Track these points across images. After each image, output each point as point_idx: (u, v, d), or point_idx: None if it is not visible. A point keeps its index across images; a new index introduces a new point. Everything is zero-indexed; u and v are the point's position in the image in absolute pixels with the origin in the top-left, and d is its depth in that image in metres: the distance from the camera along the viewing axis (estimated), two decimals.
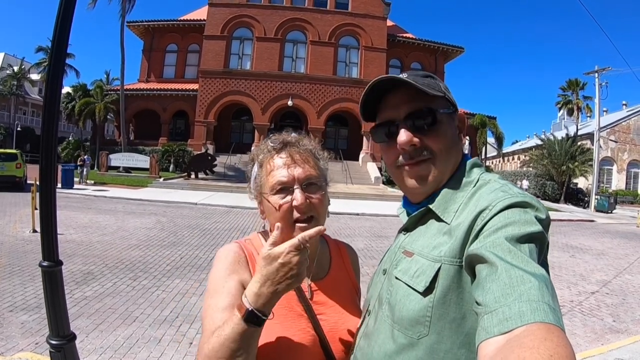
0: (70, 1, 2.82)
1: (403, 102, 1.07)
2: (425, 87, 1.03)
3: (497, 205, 0.90)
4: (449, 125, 1.09)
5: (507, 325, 0.67)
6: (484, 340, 0.69)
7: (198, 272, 7.30)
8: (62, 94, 24.95)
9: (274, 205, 1.17)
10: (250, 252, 1.24)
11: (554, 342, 0.61)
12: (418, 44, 37.89)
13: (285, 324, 1.14)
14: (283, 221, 1.14)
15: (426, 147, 1.05)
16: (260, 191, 1.23)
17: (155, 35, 37.47)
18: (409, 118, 1.06)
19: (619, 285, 8.32)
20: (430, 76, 1.12)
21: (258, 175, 1.25)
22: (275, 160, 1.21)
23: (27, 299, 5.50)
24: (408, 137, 1.04)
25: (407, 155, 1.07)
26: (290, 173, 1.18)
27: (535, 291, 0.70)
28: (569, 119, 46.43)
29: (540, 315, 0.66)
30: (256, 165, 1.26)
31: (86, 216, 12.82)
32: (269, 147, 1.25)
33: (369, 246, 10.77)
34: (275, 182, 1.17)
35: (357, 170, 31.83)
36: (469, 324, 0.90)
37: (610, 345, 5.23)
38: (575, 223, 20.40)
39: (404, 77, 1.04)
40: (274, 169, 1.20)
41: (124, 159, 29.21)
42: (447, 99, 1.10)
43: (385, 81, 1.07)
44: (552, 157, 33.14)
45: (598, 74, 31.41)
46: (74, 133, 45.47)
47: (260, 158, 1.26)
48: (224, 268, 1.16)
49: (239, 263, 1.19)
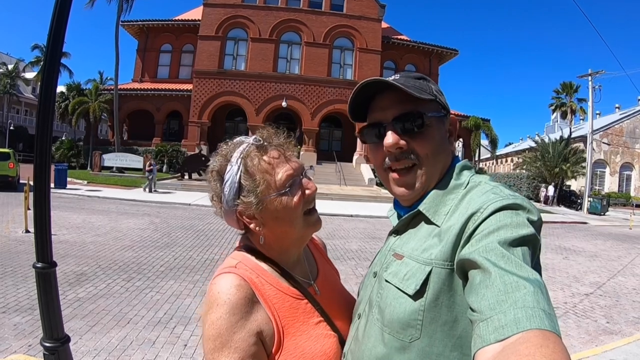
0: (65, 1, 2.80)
1: (391, 104, 1.07)
2: (415, 90, 1.02)
3: (489, 208, 0.89)
4: (438, 129, 1.08)
5: (502, 333, 0.66)
6: (480, 349, 0.68)
7: (192, 274, 7.26)
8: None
9: (287, 204, 1.12)
10: (252, 280, 1.10)
11: (550, 348, 0.61)
12: (412, 46, 38.09)
13: (312, 339, 1.10)
14: (298, 217, 1.13)
15: (412, 150, 1.05)
16: (261, 198, 1.11)
17: (149, 35, 37.42)
18: (396, 121, 1.05)
19: (612, 287, 8.36)
20: (423, 78, 1.12)
21: (248, 181, 1.11)
22: (268, 159, 1.13)
23: (19, 301, 5.45)
24: (394, 139, 1.04)
25: (392, 157, 1.07)
26: (291, 165, 1.15)
27: (530, 297, 0.70)
28: (563, 122, 46.77)
29: (536, 321, 0.66)
30: (237, 174, 1.12)
31: (79, 216, 12.74)
32: (248, 148, 1.14)
33: (362, 248, 10.75)
34: (285, 178, 1.12)
35: (351, 171, 31.92)
36: (461, 327, 0.90)
37: (604, 347, 5.25)
38: (568, 225, 20.52)
39: (393, 80, 1.03)
40: (274, 167, 1.12)
41: (117, 159, 29.12)
42: (438, 102, 1.09)
43: (373, 84, 1.06)
44: (545, 160, 33.28)
45: (592, 77, 31.57)
46: (67, 133, 45.25)
47: (244, 162, 1.12)
48: (229, 313, 1.02)
49: (246, 304, 1.05)
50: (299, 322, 1.10)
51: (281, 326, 1.07)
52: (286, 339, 1.07)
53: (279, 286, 1.13)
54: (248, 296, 1.06)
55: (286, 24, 34.42)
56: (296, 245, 1.22)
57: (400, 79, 1.06)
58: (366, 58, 34.77)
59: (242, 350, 1.00)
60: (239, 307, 1.03)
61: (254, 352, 1.01)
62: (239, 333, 1.01)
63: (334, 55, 35.26)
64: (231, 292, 1.04)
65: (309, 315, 1.14)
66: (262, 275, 1.13)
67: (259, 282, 1.10)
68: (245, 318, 1.03)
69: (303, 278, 1.22)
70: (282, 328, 1.07)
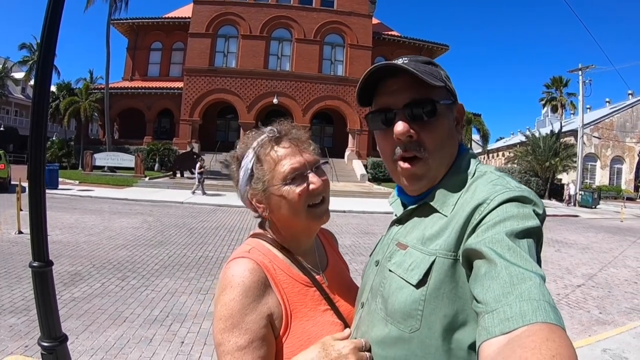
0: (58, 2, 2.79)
1: (402, 89, 1.03)
2: (427, 75, 0.98)
3: (496, 199, 0.89)
4: (447, 117, 1.05)
5: (508, 325, 0.66)
6: (485, 341, 0.68)
7: (187, 271, 7.26)
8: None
9: (289, 196, 1.14)
10: (265, 264, 1.13)
11: (556, 342, 0.61)
12: (403, 42, 38.04)
13: (318, 325, 1.13)
14: (301, 209, 1.15)
15: (422, 141, 1.01)
16: (266, 186, 1.16)
17: (139, 33, 37.10)
18: (407, 107, 1.01)
19: (604, 278, 8.46)
20: (431, 63, 1.08)
21: (258, 169, 1.17)
22: (278, 150, 1.17)
23: (14, 302, 5.43)
24: (405, 127, 1.00)
25: (402, 146, 1.02)
26: (300, 158, 1.16)
27: (536, 289, 0.70)
28: (553, 116, 46.89)
29: (541, 314, 0.66)
30: (251, 161, 1.18)
31: (72, 216, 12.67)
32: (264, 138, 1.19)
33: (356, 243, 10.81)
34: (288, 170, 1.14)
35: (343, 167, 31.89)
36: (461, 321, 0.89)
37: (598, 337, 5.31)
38: (559, 218, 20.67)
39: (404, 64, 0.99)
40: (281, 159, 1.15)
41: (109, 158, 28.85)
42: (447, 89, 1.06)
43: (383, 68, 1.02)
44: (536, 154, 33.39)
45: (582, 71, 31.75)
46: (57, 132, 44.87)
47: (257, 151, 1.18)
48: (242, 295, 1.05)
49: (259, 287, 1.08)
50: (306, 308, 1.13)
51: (290, 310, 1.10)
52: (294, 323, 1.10)
53: (289, 272, 1.17)
54: (261, 280, 1.09)
55: (277, 21, 34.30)
56: (304, 235, 1.24)
57: (410, 63, 1.02)
58: (357, 54, 34.68)
59: (253, 332, 1.03)
60: (252, 289, 1.06)
61: (263, 334, 1.04)
62: (251, 315, 1.04)
63: (324, 51, 35.16)
64: (245, 275, 1.07)
65: (317, 302, 1.17)
66: (274, 261, 1.16)
67: (271, 266, 1.14)
68: (257, 301, 1.06)
69: (312, 267, 1.24)
70: (291, 312, 1.10)
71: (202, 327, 4.97)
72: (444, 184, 1.04)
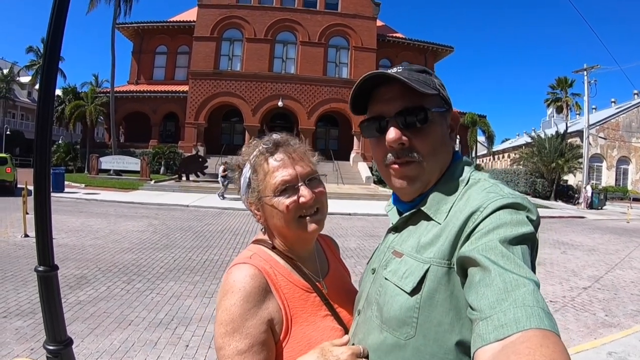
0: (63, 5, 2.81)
1: (394, 97, 1.04)
2: (419, 84, 1.00)
3: (489, 206, 0.89)
4: (441, 125, 1.06)
5: (502, 332, 0.66)
6: (480, 348, 0.68)
7: (192, 275, 7.27)
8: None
9: (279, 207, 1.16)
10: (266, 270, 1.15)
11: (550, 348, 0.61)
12: (408, 44, 38.04)
13: (318, 330, 1.14)
14: (290, 220, 1.16)
15: (414, 147, 1.02)
16: (260, 196, 1.20)
17: (144, 37, 37.30)
18: (399, 115, 1.02)
19: (610, 281, 8.40)
20: (426, 71, 1.09)
21: (253, 179, 1.21)
22: (271, 161, 1.19)
23: (20, 305, 5.46)
24: (397, 135, 1.01)
25: (394, 153, 1.03)
26: (291, 171, 1.17)
27: (530, 296, 0.70)
28: (559, 117, 46.69)
29: (535, 321, 0.66)
30: (248, 170, 1.22)
31: (78, 220, 12.73)
32: (260, 149, 1.22)
33: (361, 246, 10.77)
34: (279, 182, 1.16)
35: (349, 170, 31.87)
36: (456, 329, 0.89)
37: (603, 339, 5.28)
38: (565, 220, 20.56)
39: (396, 73, 1.00)
40: (273, 170, 1.17)
41: (115, 161, 28.94)
42: (441, 97, 1.07)
43: (376, 76, 1.04)
44: (542, 155, 33.28)
45: (587, 71, 31.71)
46: (63, 136, 45.08)
47: (253, 161, 1.21)
48: (243, 300, 1.07)
49: (260, 292, 1.10)
50: (306, 313, 1.14)
51: (290, 315, 1.12)
52: (294, 327, 1.11)
53: (290, 278, 1.19)
54: (262, 285, 1.11)
55: (281, 24, 34.39)
56: (297, 243, 1.24)
57: (403, 72, 1.03)
58: (362, 56, 34.71)
59: (253, 336, 1.05)
60: (253, 295, 1.08)
61: (263, 339, 1.06)
62: (251, 320, 1.06)
63: (329, 54, 35.23)
64: (246, 280, 1.09)
65: (317, 308, 1.18)
66: (275, 267, 1.18)
67: (272, 272, 1.16)
68: (258, 306, 1.08)
69: (313, 274, 1.25)
70: (291, 317, 1.12)
71: (207, 330, 4.97)
72: (438, 191, 1.04)
